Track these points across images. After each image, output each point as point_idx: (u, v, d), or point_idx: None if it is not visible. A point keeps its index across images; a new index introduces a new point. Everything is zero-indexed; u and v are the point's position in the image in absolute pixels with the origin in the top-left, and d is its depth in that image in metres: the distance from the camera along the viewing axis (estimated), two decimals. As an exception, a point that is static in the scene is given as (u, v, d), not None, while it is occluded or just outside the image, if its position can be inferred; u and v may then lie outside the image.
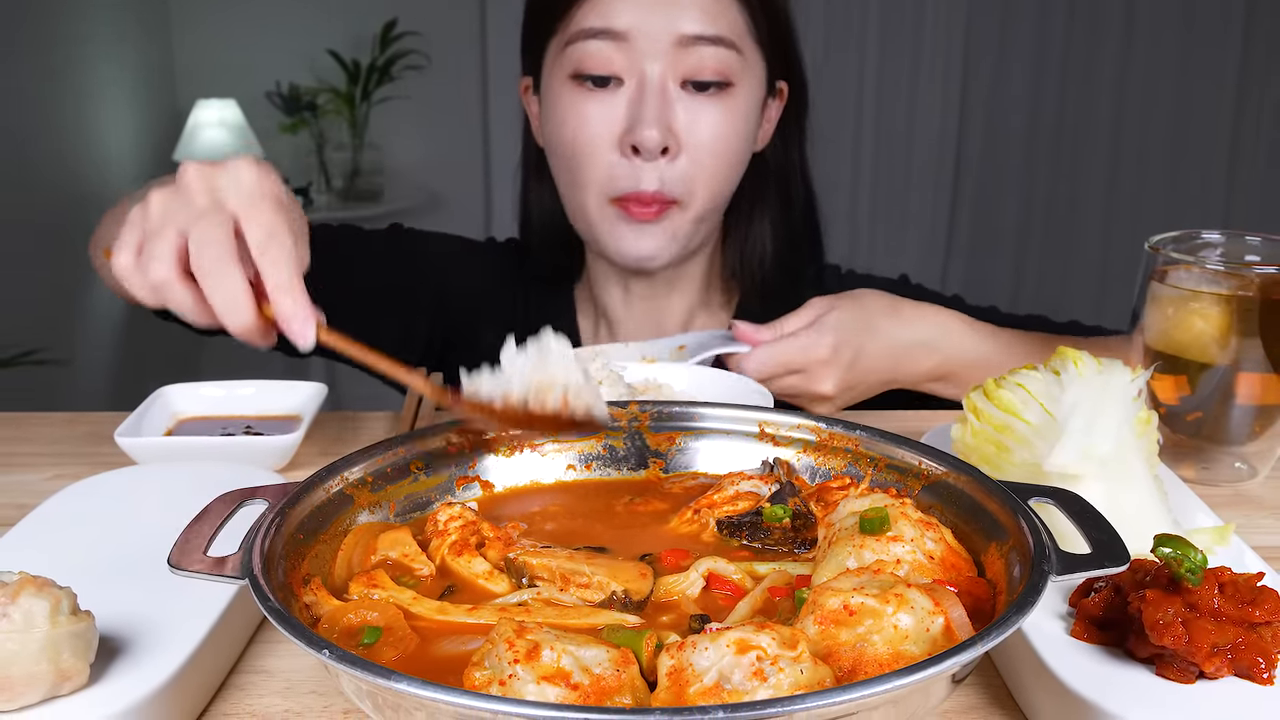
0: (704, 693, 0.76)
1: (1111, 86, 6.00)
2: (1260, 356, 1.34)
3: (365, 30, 5.83)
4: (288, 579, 0.90)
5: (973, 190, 6.07)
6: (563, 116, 1.75)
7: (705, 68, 1.70)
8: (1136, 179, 6.12)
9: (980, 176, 6.12)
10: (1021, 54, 6.00)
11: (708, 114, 1.72)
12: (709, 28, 1.69)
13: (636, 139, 1.69)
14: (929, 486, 1.06)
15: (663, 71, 1.69)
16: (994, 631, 0.75)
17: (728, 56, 1.71)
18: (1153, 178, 6.09)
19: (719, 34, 1.70)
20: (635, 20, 1.68)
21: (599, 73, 1.71)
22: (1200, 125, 6.02)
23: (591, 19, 1.70)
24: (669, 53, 1.69)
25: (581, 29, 1.70)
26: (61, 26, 4.83)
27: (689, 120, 1.71)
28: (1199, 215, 6.00)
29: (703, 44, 1.69)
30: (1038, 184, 6.14)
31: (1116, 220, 6.12)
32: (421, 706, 0.72)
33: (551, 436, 1.17)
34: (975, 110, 6.09)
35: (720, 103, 1.73)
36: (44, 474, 1.48)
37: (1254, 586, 0.93)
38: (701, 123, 1.72)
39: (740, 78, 1.74)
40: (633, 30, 1.68)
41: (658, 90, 1.69)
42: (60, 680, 0.85)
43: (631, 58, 1.69)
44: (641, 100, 1.69)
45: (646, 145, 1.68)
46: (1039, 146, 6.12)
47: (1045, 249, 6.16)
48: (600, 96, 1.72)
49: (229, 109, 5.70)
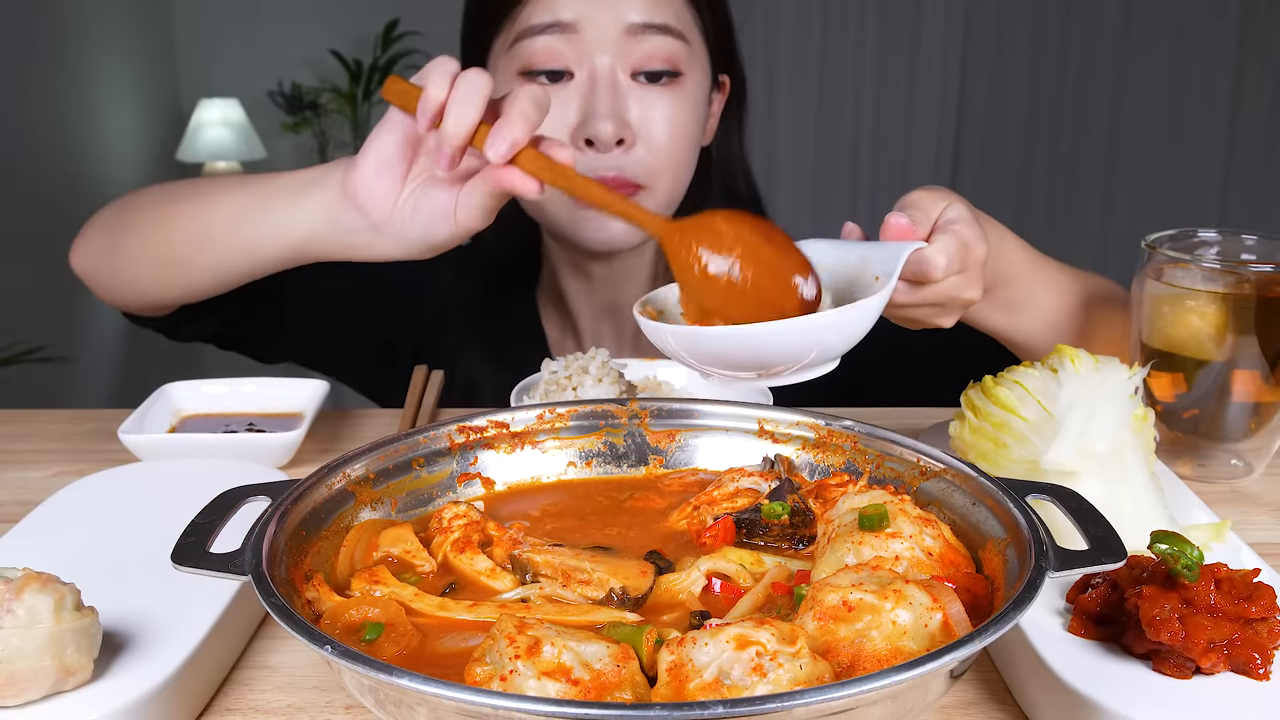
0: (704, 688, 0.76)
1: (1108, 86, 6.01)
2: (1256, 354, 1.34)
3: (367, 30, 5.84)
4: (290, 575, 0.90)
5: (969, 188, 6.06)
6: None
7: (654, 57, 1.70)
8: (1132, 178, 6.13)
9: (976, 175, 6.13)
10: (1018, 54, 6.01)
11: (660, 105, 1.71)
12: (655, 16, 1.69)
13: (591, 132, 1.67)
14: (927, 483, 1.06)
15: (612, 63, 1.69)
16: (992, 627, 0.76)
17: (676, 46, 1.71)
18: (1149, 177, 6.11)
19: (666, 23, 1.70)
20: (582, 12, 1.67)
21: (549, 67, 1.69)
22: (1196, 125, 6.04)
23: (538, 14, 1.68)
24: (617, 43, 1.68)
25: (529, 25, 1.69)
26: (65, 26, 4.84)
27: (641, 111, 1.70)
28: (1195, 214, 6.02)
29: (651, 33, 1.69)
30: (1034, 183, 6.16)
31: (1113, 219, 6.14)
32: (423, 702, 0.72)
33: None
34: (972, 109, 6.10)
35: (671, 93, 1.72)
36: (48, 471, 1.49)
37: (1250, 582, 0.94)
38: (654, 114, 1.71)
39: (688, 67, 1.74)
40: (580, 21, 1.67)
41: (609, 82, 1.69)
42: (64, 676, 0.86)
43: (580, 50, 1.68)
44: (593, 93, 1.68)
45: (601, 138, 1.67)
46: (1036, 145, 6.13)
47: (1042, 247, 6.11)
48: (551, 91, 1.69)
49: (232, 108, 5.71)
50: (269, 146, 5.87)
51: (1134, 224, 5.92)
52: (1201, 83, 5.97)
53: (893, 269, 1.11)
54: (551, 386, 1.43)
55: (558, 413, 1.19)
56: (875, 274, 1.14)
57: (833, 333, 1.05)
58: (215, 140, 5.65)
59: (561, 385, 1.42)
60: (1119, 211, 6.14)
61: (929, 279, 1.22)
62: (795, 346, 1.05)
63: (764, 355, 1.06)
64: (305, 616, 0.83)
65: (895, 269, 1.11)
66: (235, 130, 5.70)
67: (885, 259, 1.14)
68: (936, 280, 1.22)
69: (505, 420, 1.18)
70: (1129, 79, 5.99)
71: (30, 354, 4.19)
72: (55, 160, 4.81)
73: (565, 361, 1.45)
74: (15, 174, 4.45)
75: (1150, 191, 6.10)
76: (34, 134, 4.65)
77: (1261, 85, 5.94)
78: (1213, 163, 6.09)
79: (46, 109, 4.75)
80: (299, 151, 6.02)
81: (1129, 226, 5.99)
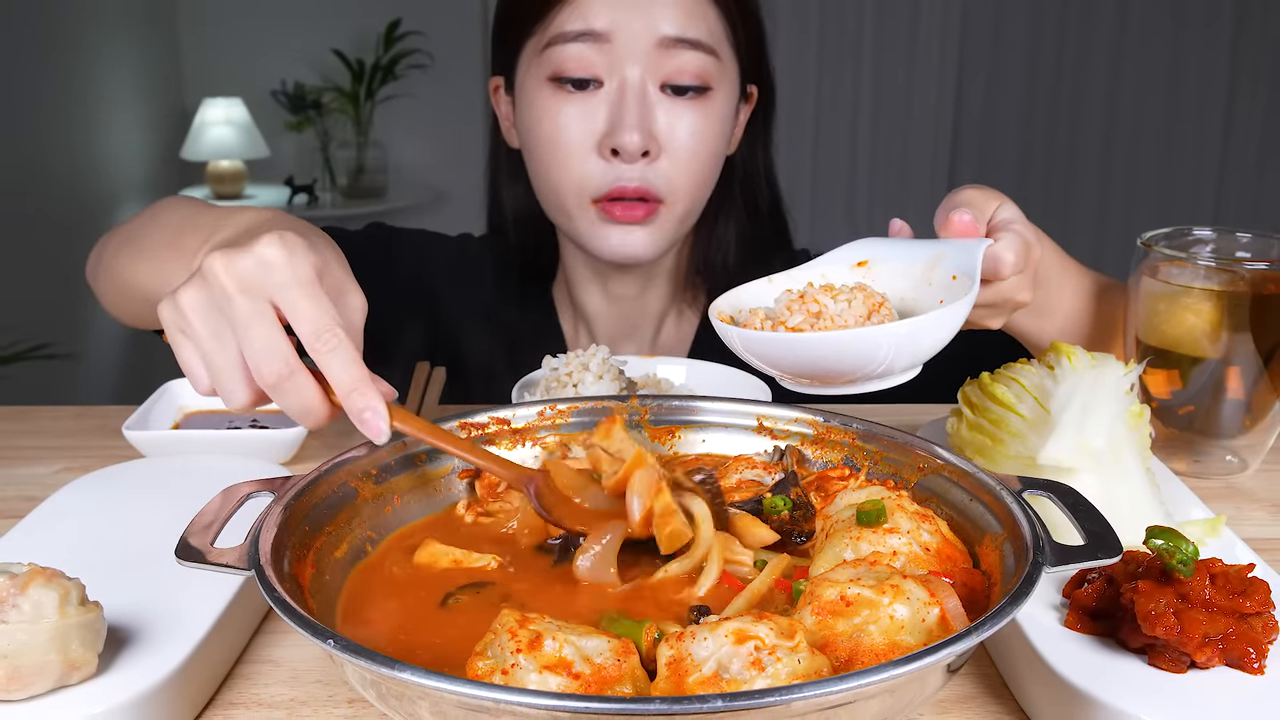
0: (703, 682, 0.77)
1: (1104, 83, 6.02)
2: (1251, 351, 1.35)
3: (370, 29, 5.84)
4: (293, 570, 0.91)
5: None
6: (540, 118, 1.74)
7: (685, 71, 1.70)
8: (1128, 176, 6.13)
9: (974, 173, 6.13)
10: (1015, 52, 6.01)
11: (687, 118, 1.71)
12: (688, 30, 1.69)
13: (617, 142, 1.68)
14: (925, 479, 1.07)
15: (642, 74, 1.69)
16: (989, 622, 0.76)
17: (706, 61, 1.71)
18: (1144, 174, 6.11)
19: (698, 38, 1.70)
20: (615, 21, 1.67)
21: (579, 75, 1.69)
22: (1192, 123, 6.04)
23: (571, 21, 1.68)
24: (649, 55, 1.68)
25: (561, 32, 1.69)
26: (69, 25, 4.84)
27: (668, 124, 1.70)
28: (1190, 212, 6.03)
29: (682, 47, 1.69)
30: (1031, 181, 6.16)
31: (1108, 216, 6.14)
32: (425, 696, 0.73)
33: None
34: (969, 108, 6.10)
35: (699, 107, 1.72)
36: (53, 467, 1.49)
37: (1244, 578, 0.94)
38: (680, 127, 1.71)
39: (718, 83, 1.74)
40: (612, 31, 1.67)
41: (638, 94, 1.69)
42: (69, 670, 0.86)
43: (611, 60, 1.68)
44: (622, 103, 1.68)
45: (627, 149, 1.67)
46: (1033, 144, 6.13)
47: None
48: (579, 99, 1.70)
49: (235, 107, 5.72)
50: (272, 145, 5.87)
51: (1129, 222, 5.93)
52: (1197, 80, 5.97)
53: (972, 267, 1.10)
54: (552, 383, 1.44)
55: (558, 409, 1.20)
56: (952, 273, 1.13)
57: (925, 337, 1.04)
58: (219, 139, 5.65)
59: (562, 382, 1.43)
60: (1115, 209, 6.14)
61: (998, 277, 1.21)
62: (881, 353, 1.04)
63: (849, 362, 1.04)
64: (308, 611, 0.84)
65: (976, 267, 1.10)
66: (238, 129, 5.70)
67: (961, 258, 1.13)
68: (1004, 279, 1.22)
69: (506, 417, 1.18)
70: (1125, 76, 6.00)
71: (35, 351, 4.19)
72: (59, 159, 4.81)
73: (566, 359, 1.45)
74: (19, 173, 4.45)
75: (1146, 189, 6.11)
76: (38, 133, 4.65)
77: (1257, 83, 5.95)
78: (1208, 161, 6.10)
79: (52, 108, 4.75)
80: (302, 150, 6.03)
81: (1125, 224, 6.00)
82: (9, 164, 4.40)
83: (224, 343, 1.04)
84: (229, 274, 1.03)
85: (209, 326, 1.04)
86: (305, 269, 1.04)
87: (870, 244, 1.17)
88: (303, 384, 1.03)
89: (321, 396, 1.04)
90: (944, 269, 1.14)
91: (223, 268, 1.03)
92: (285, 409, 1.04)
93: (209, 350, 1.05)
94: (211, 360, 1.05)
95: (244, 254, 1.03)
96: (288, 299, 1.02)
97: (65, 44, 4.82)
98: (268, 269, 1.02)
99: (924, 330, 1.04)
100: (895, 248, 1.17)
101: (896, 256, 1.16)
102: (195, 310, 1.05)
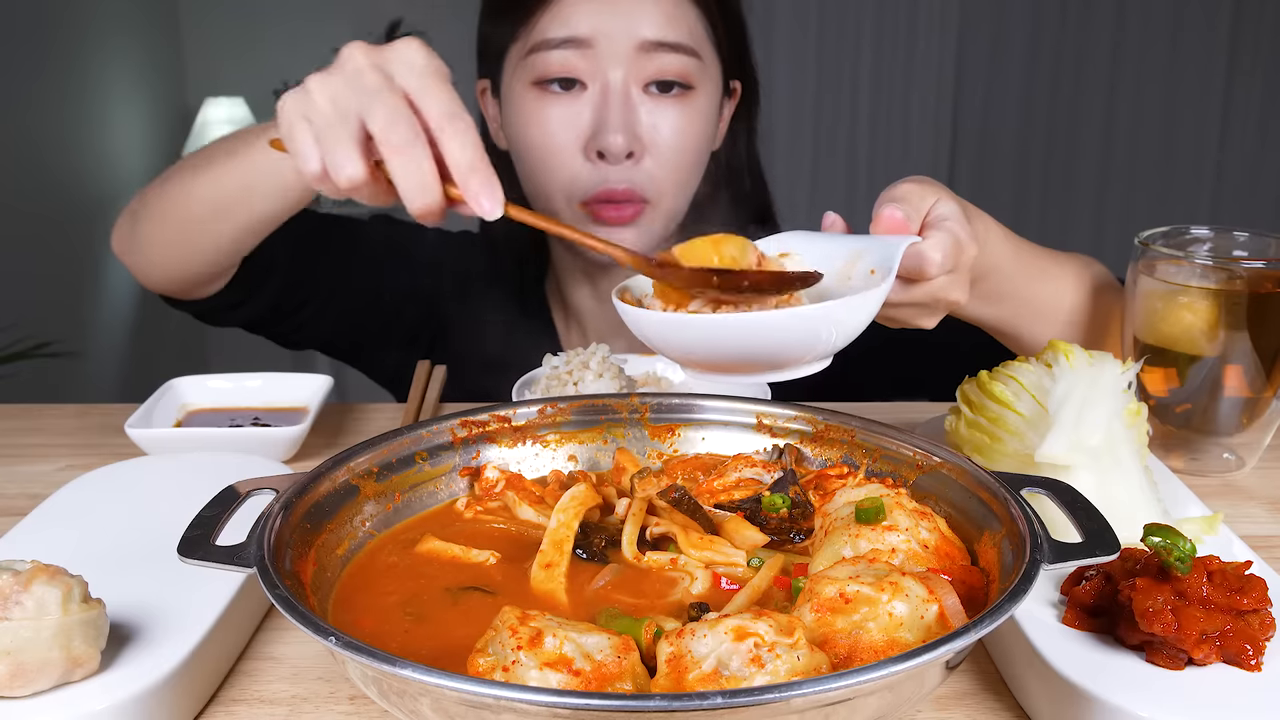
0: (703, 679, 0.77)
1: (1103, 82, 6.01)
2: (1248, 349, 1.35)
3: (371, 30, 5.82)
4: (295, 567, 0.91)
5: (966, 184, 6.06)
6: (526, 121, 1.75)
7: (667, 72, 1.71)
8: (1127, 174, 6.13)
9: (972, 173, 6.13)
10: (1014, 53, 6.01)
11: (670, 116, 1.73)
12: (669, 34, 1.70)
13: (602, 145, 1.69)
14: (923, 477, 1.07)
15: (625, 77, 1.70)
16: (987, 619, 0.76)
17: (688, 63, 1.72)
18: (1142, 174, 6.11)
19: (679, 40, 1.71)
20: (597, 26, 1.68)
21: (563, 77, 1.71)
22: (1189, 123, 6.04)
23: (554, 28, 1.70)
24: (631, 58, 1.69)
25: (545, 38, 1.70)
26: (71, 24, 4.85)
27: (651, 124, 1.72)
28: (1187, 211, 6.02)
29: (664, 50, 1.70)
30: (1030, 179, 6.16)
31: (1106, 215, 6.14)
32: (426, 692, 0.73)
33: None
34: (968, 107, 6.10)
35: (681, 105, 1.74)
36: (56, 464, 1.50)
37: (1241, 575, 0.94)
38: (664, 125, 1.72)
39: (700, 82, 1.75)
40: (595, 36, 1.68)
41: (621, 96, 1.70)
42: (72, 667, 0.86)
43: (594, 63, 1.69)
44: (606, 106, 1.70)
45: (612, 151, 1.69)
46: (1031, 142, 6.13)
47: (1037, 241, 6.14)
48: (564, 101, 1.72)
49: (237, 107, 5.71)
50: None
51: (1127, 220, 5.92)
52: (1195, 80, 5.97)
53: (891, 263, 1.06)
54: (553, 381, 1.44)
55: (559, 407, 1.20)
56: (871, 267, 1.09)
57: (829, 326, 1.00)
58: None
59: (562, 380, 1.43)
60: (1113, 208, 6.14)
61: (923, 276, 1.17)
62: (789, 339, 1.00)
63: (755, 347, 1.00)
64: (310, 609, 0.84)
65: (894, 263, 1.06)
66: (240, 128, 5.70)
67: (882, 253, 1.09)
68: (930, 278, 1.17)
69: (507, 414, 1.19)
70: (1123, 76, 5.99)
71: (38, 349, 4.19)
72: (62, 157, 4.81)
73: (566, 357, 1.46)
74: (21, 172, 4.46)
75: (1143, 188, 6.10)
76: (41, 131, 4.65)
77: (1253, 82, 5.94)
78: (1205, 160, 6.10)
79: (54, 106, 4.75)
80: (302, 149, 6.03)
81: (1122, 223, 6.00)
82: (11, 163, 4.40)
83: (346, 116, 1.03)
84: (367, 56, 1.05)
85: (335, 104, 1.04)
86: (442, 66, 1.05)
87: (795, 237, 1.15)
88: (423, 156, 1.02)
89: (437, 175, 1.03)
90: (864, 264, 1.10)
91: (362, 52, 1.05)
92: (400, 182, 1.02)
93: (327, 123, 1.04)
94: (326, 135, 1.04)
95: (385, 48, 1.06)
96: (423, 84, 1.03)
97: (67, 43, 4.82)
98: (407, 57, 1.04)
99: (822, 318, 0.99)
100: (819, 242, 1.13)
101: (818, 250, 1.12)
102: (323, 89, 1.05)
